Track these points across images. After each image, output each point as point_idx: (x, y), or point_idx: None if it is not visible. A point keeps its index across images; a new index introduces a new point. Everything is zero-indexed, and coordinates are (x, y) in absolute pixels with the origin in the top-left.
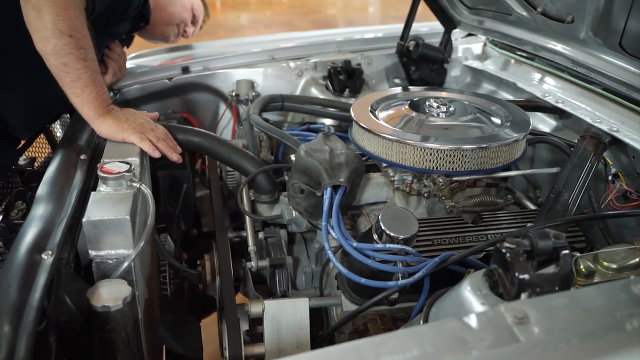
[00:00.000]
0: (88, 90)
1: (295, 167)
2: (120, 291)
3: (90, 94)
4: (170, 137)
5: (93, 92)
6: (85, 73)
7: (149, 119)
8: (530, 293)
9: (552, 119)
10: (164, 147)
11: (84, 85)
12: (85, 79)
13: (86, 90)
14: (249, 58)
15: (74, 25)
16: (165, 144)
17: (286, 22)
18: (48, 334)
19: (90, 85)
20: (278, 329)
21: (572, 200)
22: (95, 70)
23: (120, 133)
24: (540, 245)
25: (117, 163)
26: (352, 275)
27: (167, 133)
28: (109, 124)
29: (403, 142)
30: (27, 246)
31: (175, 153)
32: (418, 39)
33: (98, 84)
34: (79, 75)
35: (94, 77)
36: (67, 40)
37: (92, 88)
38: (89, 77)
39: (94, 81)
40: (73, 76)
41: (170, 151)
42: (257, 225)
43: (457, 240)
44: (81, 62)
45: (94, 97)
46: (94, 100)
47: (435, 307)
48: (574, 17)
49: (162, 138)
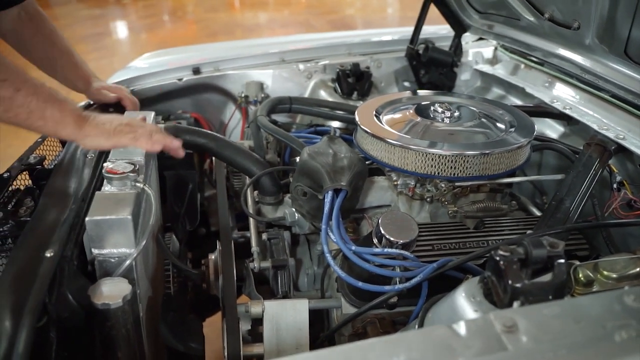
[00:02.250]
0: (49, 113)
1: (299, 170)
2: (121, 289)
3: (53, 115)
4: (162, 130)
5: (55, 111)
6: (31, 102)
7: (132, 117)
8: (523, 301)
9: (560, 125)
10: (161, 137)
11: (41, 113)
12: (36, 107)
13: (47, 116)
14: (259, 60)
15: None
16: (160, 134)
17: (303, 22)
18: (49, 330)
19: (46, 108)
20: (277, 329)
21: (574, 208)
22: (37, 90)
23: (108, 140)
24: (534, 253)
25: (122, 163)
26: (349, 278)
27: (157, 126)
28: (93, 135)
29: (405, 147)
30: (31, 244)
31: (175, 140)
32: (428, 43)
33: (53, 100)
34: (27, 108)
35: (43, 97)
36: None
37: (50, 109)
38: (38, 101)
39: (45, 101)
40: (23, 115)
41: (169, 139)
42: (260, 227)
43: (458, 246)
44: (16, 95)
45: (58, 115)
46: (60, 118)
47: (431, 312)
48: (580, 24)
49: (154, 130)
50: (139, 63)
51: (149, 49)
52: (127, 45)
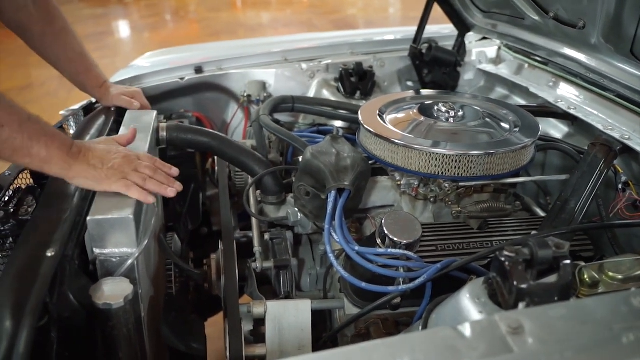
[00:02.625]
0: (35, 151)
1: (302, 169)
2: (122, 289)
3: (39, 153)
4: (159, 167)
5: (42, 149)
6: (15, 139)
7: (126, 152)
8: (529, 303)
9: (565, 125)
10: (154, 187)
11: (27, 151)
12: (21, 144)
13: (33, 154)
14: (262, 59)
15: None
16: (154, 181)
17: (306, 22)
18: (50, 330)
19: (32, 145)
20: (280, 330)
21: (579, 208)
22: (22, 126)
23: (99, 185)
24: (540, 254)
25: None
26: (352, 279)
27: (153, 163)
28: (82, 177)
29: (409, 146)
30: (32, 243)
31: (169, 187)
32: (431, 42)
33: (39, 137)
34: (12, 146)
35: (28, 134)
36: None
37: (36, 147)
38: (23, 139)
39: (31, 138)
40: (8, 151)
41: (164, 187)
42: (263, 226)
43: (462, 246)
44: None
45: (45, 154)
46: (47, 158)
47: (435, 313)
48: (585, 23)
49: (149, 175)
50: (141, 62)
51: (151, 49)
52: (129, 44)
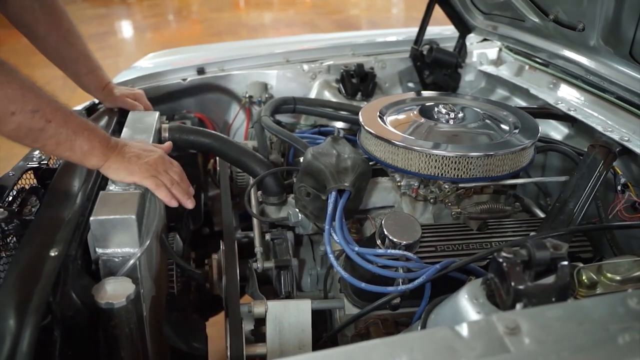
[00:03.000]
0: (77, 145)
1: (302, 170)
2: (124, 288)
3: (81, 147)
4: (184, 176)
5: (84, 143)
6: (60, 134)
7: (162, 154)
8: (526, 303)
9: (565, 126)
10: (179, 193)
11: (70, 144)
12: (65, 139)
13: (76, 147)
14: (264, 60)
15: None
16: (179, 187)
17: (308, 22)
18: (53, 329)
19: (75, 139)
20: (280, 329)
21: (577, 210)
22: (67, 120)
23: (130, 177)
24: (537, 255)
25: None
26: (352, 279)
27: (182, 171)
28: (115, 167)
29: (409, 148)
30: (35, 243)
31: (190, 198)
32: (432, 43)
33: (82, 130)
34: (57, 140)
35: (72, 128)
36: (14, 119)
37: (79, 140)
38: (67, 133)
39: (75, 132)
40: (52, 145)
41: (186, 196)
42: (264, 227)
43: (461, 247)
44: (47, 127)
45: (87, 147)
46: (88, 151)
47: (434, 313)
48: (585, 25)
49: (176, 181)
50: (143, 63)
51: (154, 49)
52: (131, 44)
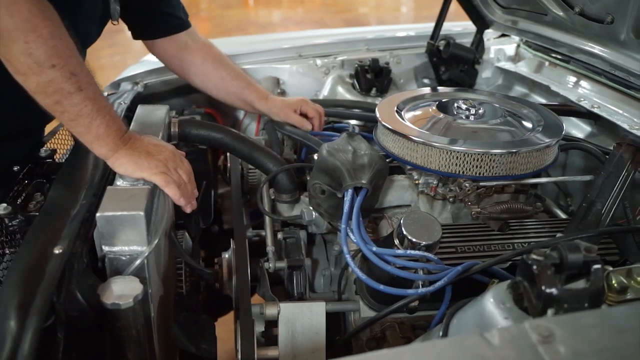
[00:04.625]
0: (95, 124)
1: (317, 167)
2: (132, 288)
3: (98, 128)
4: (192, 177)
5: (102, 126)
6: (85, 106)
7: (173, 150)
8: (557, 309)
9: (587, 124)
10: (186, 193)
11: (89, 121)
12: (87, 113)
13: (92, 126)
14: (276, 55)
15: (54, 49)
16: (187, 187)
17: (317, 20)
18: (56, 330)
19: (96, 118)
20: (293, 332)
21: (605, 211)
22: (96, 97)
23: (139, 172)
24: (569, 258)
25: None
26: (370, 281)
27: (190, 171)
28: (124, 160)
29: (428, 144)
30: (39, 239)
31: (191, 202)
32: (449, 39)
33: (105, 113)
34: (79, 111)
35: (98, 106)
36: (51, 73)
37: (99, 121)
38: (92, 109)
39: (99, 111)
40: (72, 114)
41: (189, 199)
42: (276, 225)
43: (482, 249)
44: (77, 94)
45: (103, 131)
46: (104, 135)
47: (456, 318)
48: (614, 18)
49: (185, 181)
50: (152, 57)
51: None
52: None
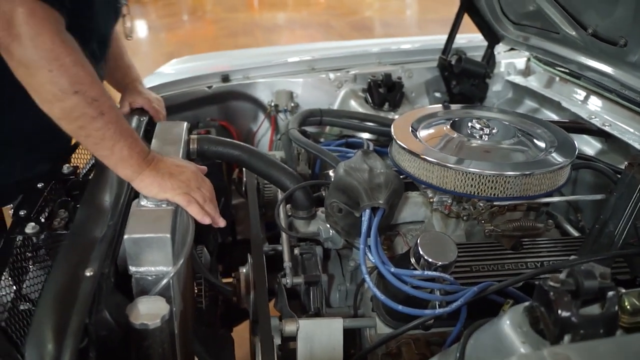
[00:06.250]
0: (118, 147)
1: (334, 186)
2: (158, 308)
3: (122, 151)
4: (214, 195)
5: (125, 149)
6: (108, 130)
7: (195, 170)
8: (574, 335)
9: (597, 142)
10: (211, 210)
11: (112, 144)
12: (110, 136)
13: (116, 149)
14: (289, 68)
15: (76, 76)
16: (211, 205)
17: (323, 23)
18: (88, 351)
19: (119, 140)
20: (311, 348)
21: (618, 232)
22: (118, 120)
23: (162, 193)
24: (585, 284)
25: None
26: (389, 301)
27: (212, 189)
28: (148, 182)
29: (444, 165)
30: (70, 262)
31: (215, 219)
32: (460, 53)
33: (127, 136)
34: (102, 134)
35: (120, 129)
36: (74, 99)
37: (122, 143)
38: (114, 132)
39: (121, 134)
40: (95, 138)
41: (218, 215)
42: (292, 241)
43: (496, 268)
44: (99, 118)
45: (126, 153)
46: (127, 157)
47: (473, 339)
48: (627, 41)
49: (208, 199)
50: (166, 69)
51: (169, 49)
52: (146, 44)
